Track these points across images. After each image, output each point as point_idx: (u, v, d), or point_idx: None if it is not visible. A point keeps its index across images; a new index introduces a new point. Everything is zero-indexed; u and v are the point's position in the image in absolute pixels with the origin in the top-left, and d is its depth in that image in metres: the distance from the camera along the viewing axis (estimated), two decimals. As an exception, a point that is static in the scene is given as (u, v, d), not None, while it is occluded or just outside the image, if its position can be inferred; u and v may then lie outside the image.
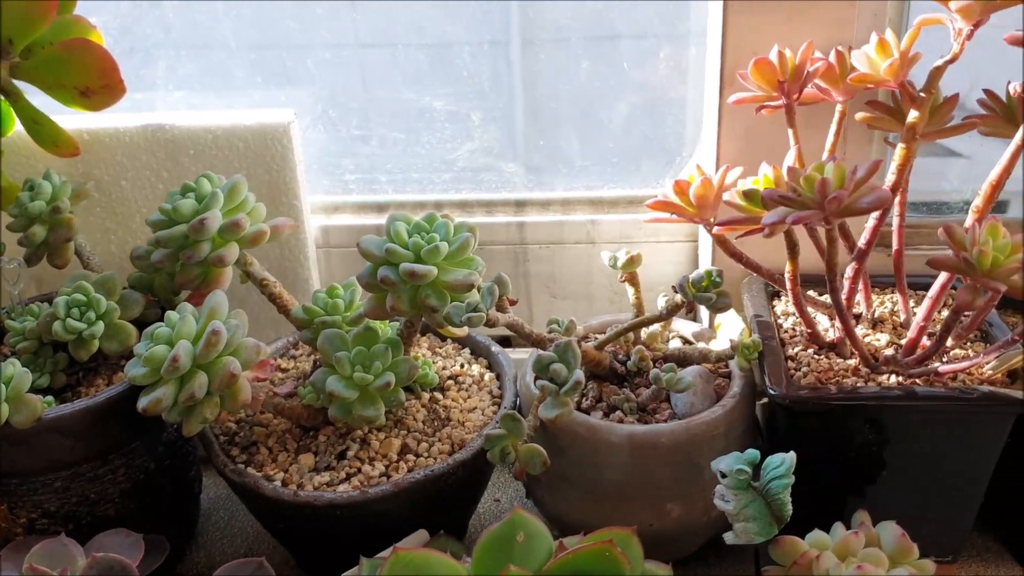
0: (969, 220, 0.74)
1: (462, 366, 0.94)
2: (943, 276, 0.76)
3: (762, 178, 0.76)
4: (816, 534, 0.74)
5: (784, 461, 0.70)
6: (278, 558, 0.93)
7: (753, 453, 0.71)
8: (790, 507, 0.70)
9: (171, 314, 0.77)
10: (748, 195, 0.72)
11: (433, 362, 0.93)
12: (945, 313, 0.83)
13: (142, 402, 0.75)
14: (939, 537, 0.83)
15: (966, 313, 0.86)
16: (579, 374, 0.71)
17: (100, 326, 0.82)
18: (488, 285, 0.75)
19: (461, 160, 1.06)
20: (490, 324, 0.75)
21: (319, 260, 1.08)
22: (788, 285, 0.79)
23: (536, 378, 0.74)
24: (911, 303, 0.87)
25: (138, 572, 0.72)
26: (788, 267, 0.77)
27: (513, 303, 0.80)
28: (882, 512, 0.74)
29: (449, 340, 0.98)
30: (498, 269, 1.08)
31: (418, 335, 0.98)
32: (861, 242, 0.79)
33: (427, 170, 1.07)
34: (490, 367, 0.94)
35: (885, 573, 0.69)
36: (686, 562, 0.90)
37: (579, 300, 1.09)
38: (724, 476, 0.71)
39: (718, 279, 0.79)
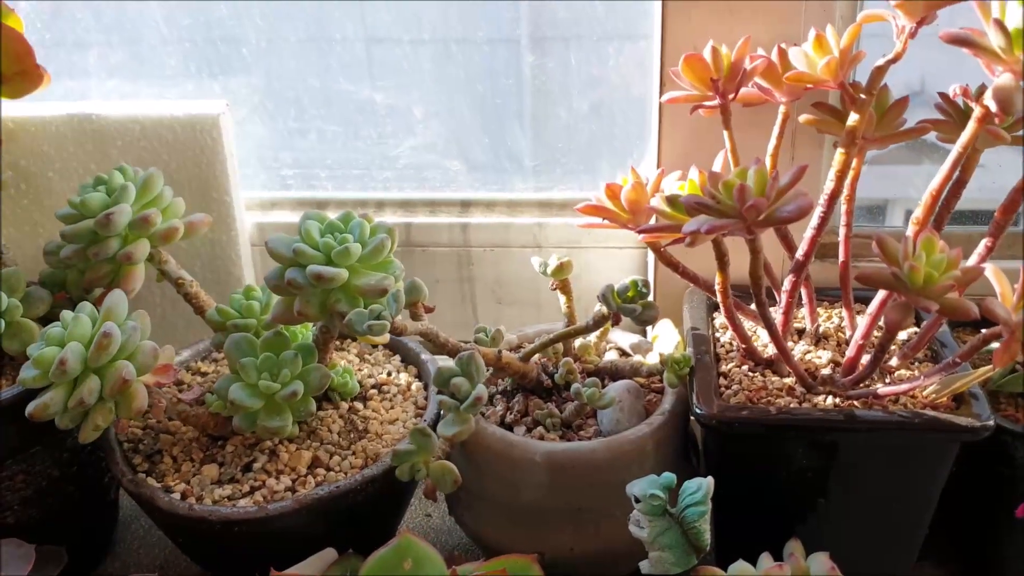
0: (909, 231, 0.69)
1: (389, 374, 0.89)
2: (882, 292, 0.71)
3: (687, 183, 0.71)
4: (739, 566, 0.69)
5: (701, 487, 0.66)
6: (195, 570, 0.89)
7: (669, 477, 0.67)
8: (708, 536, 0.66)
9: (66, 314, 0.73)
10: (672, 201, 0.67)
11: (359, 370, 0.89)
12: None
13: (30, 407, 0.71)
14: (882, 570, 0.79)
15: (912, 331, 0.81)
16: (481, 389, 0.66)
17: (1, 323, 0.79)
18: (394, 292, 0.70)
19: (403, 157, 1.02)
20: (397, 332, 0.71)
21: (255, 259, 1.03)
22: (719, 298, 0.74)
23: (438, 392, 0.70)
24: (859, 318, 0.82)
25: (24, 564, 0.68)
26: (718, 278, 0.72)
27: (429, 310, 0.76)
28: (820, 543, 0.70)
29: (380, 346, 0.93)
30: (441, 272, 1.04)
31: (348, 340, 0.94)
32: (799, 253, 0.74)
33: (368, 166, 1.03)
34: (419, 376, 0.89)
35: (806, 611, 0.64)
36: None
37: (526, 307, 1.05)
38: (638, 501, 0.67)
39: (644, 289, 0.74)
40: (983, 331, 0.67)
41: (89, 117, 0.95)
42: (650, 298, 0.74)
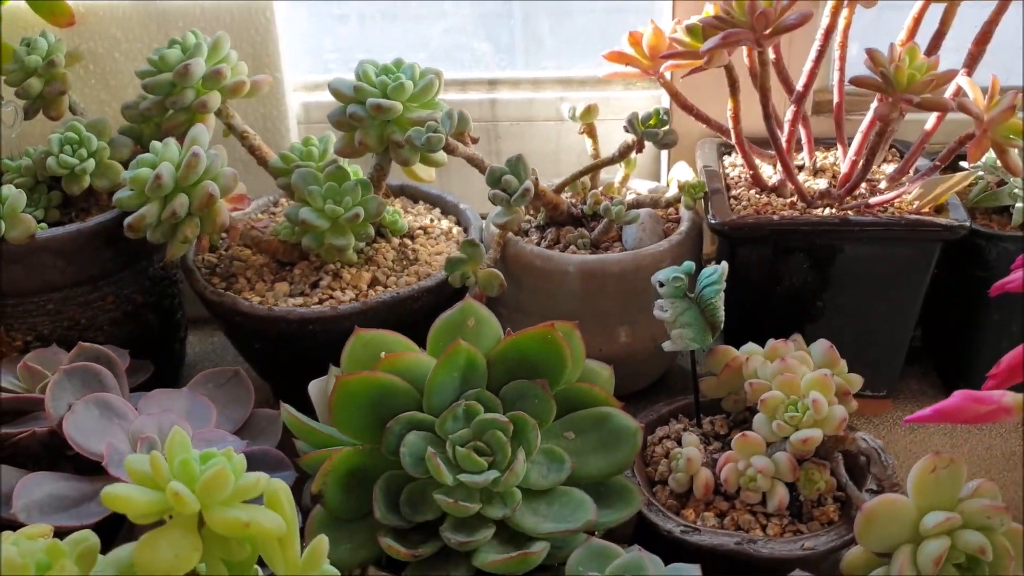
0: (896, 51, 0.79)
1: (431, 221, 0.99)
2: (870, 113, 0.81)
3: (703, 14, 0.81)
4: (748, 345, 0.80)
5: (716, 271, 0.76)
6: (259, 398, 0.99)
7: (689, 264, 0.77)
8: (722, 314, 0.76)
9: (155, 144, 0.83)
10: (690, 30, 0.77)
11: (405, 215, 0.99)
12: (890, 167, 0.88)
13: (129, 219, 0.81)
14: (874, 373, 0.89)
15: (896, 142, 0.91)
16: (528, 183, 0.77)
17: (91, 163, 0.88)
18: (448, 110, 0.80)
19: (435, 39, 1.12)
20: (449, 150, 0.81)
21: (301, 135, 1.13)
22: (730, 124, 0.84)
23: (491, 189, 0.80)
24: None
25: (120, 365, 0.78)
26: (730, 104, 0.83)
27: (475, 140, 0.86)
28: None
29: (421, 201, 1.03)
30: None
31: (393, 197, 1.04)
32: (799, 86, 0.84)
33: (402, 50, 1.12)
34: (458, 223, 1.00)
35: (809, 371, 0.74)
36: (634, 398, 0.95)
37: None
38: (662, 286, 0.77)
39: (665, 117, 0.85)
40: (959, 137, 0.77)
41: (154, 1, 1.05)
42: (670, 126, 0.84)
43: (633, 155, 0.90)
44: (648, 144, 0.93)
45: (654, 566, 0.64)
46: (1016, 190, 0.85)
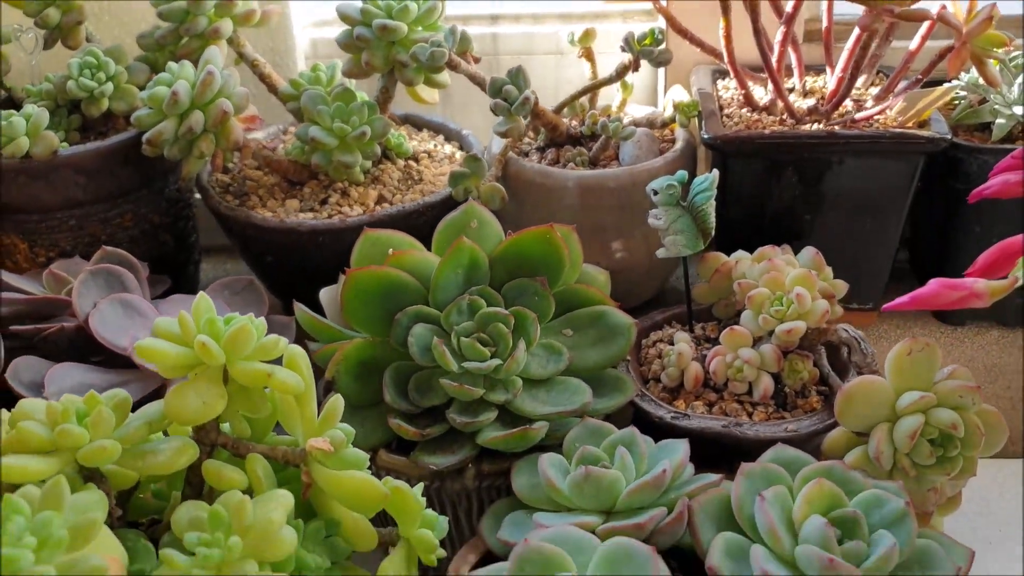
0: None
1: (435, 146, 1.03)
2: (855, 34, 0.84)
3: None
4: (738, 252, 0.84)
5: (708, 178, 0.80)
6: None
7: (682, 173, 0.80)
8: (713, 220, 0.80)
9: (171, 64, 0.87)
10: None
11: (410, 140, 1.03)
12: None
13: (147, 134, 0.85)
14: (861, 286, 0.92)
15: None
16: (528, 92, 0.80)
17: (109, 86, 0.92)
18: (451, 27, 0.84)
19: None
20: (452, 66, 0.85)
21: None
22: (723, 44, 0.88)
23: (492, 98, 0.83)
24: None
25: (142, 270, 0.82)
26: (722, 24, 0.86)
27: (476, 60, 0.89)
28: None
29: (425, 129, 1.07)
30: (473, 80, 1.17)
31: (397, 125, 1.08)
32: (788, 8, 0.87)
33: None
34: (461, 148, 1.03)
35: (794, 269, 0.78)
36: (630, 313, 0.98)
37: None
38: (656, 194, 0.80)
39: (660, 36, 0.88)
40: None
41: (164, -63, 1.08)
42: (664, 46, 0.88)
43: (630, 78, 0.94)
44: (644, 74, 0.97)
45: (646, 445, 0.68)
46: (997, 106, 0.89)
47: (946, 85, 0.86)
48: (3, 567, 0.42)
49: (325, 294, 0.82)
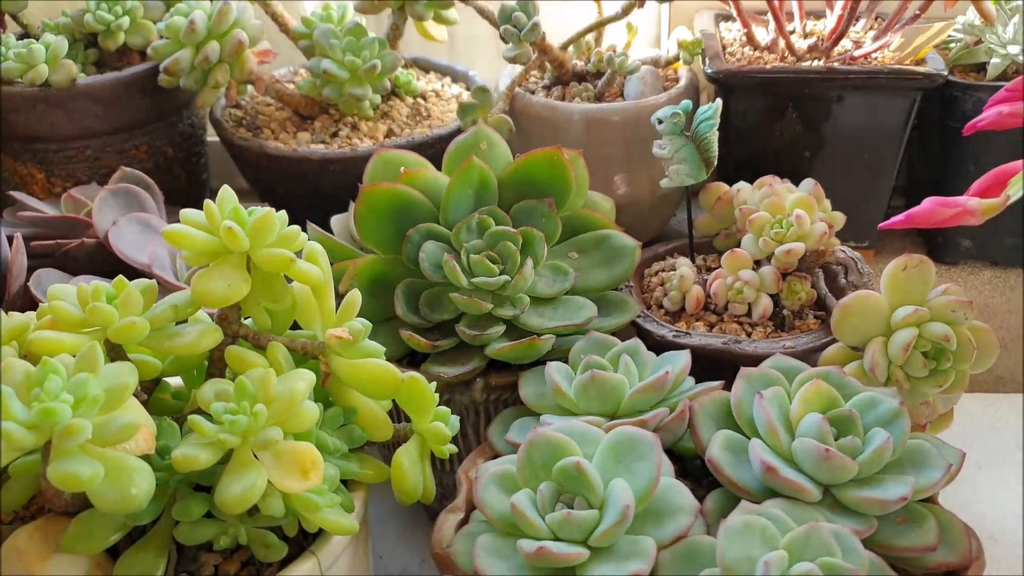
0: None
1: (443, 87, 1.05)
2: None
3: None
4: (740, 183, 0.86)
5: (711, 107, 0.82)
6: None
7: (686, 103, 0.82)
8: (716, 149, 0.82)
9: (187, -3, 0.89)
10: None
11: (418, 80, 1.05)
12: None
13: (164, 62, 0.87)
14: (859, 224, 0.95)
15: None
16: (537, 19, 0.82)
17: (126, 20, 0.94)
18: (461, -42, 0.86)
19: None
20: (463, -1, 0.87)
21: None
22: (725, -19, 0.90)
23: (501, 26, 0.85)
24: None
25: (159, 192, 0.84)
26: (725, -40, 0.88)
27: (486, -6, 0.92)
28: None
29: (432, 71, 1.09)
30: (479, 28, 1.19)
31: (406, 64, 1.10)
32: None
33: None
34: (468, 88, 1.05)
35: (793, 195, 0.81)
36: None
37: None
38: (661, 123, 0.83)
39: (665, -27, 0.90)
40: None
41: None
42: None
43: (635, 19, 0.96)
44: (649, 21, 0.98)
45: (649, 356, 0.71)
46: (992, 45, 0.91)
47: (942, 23, 0.88)
48: (44, 419, 0.44)
49: (336, 221, 0.84)
